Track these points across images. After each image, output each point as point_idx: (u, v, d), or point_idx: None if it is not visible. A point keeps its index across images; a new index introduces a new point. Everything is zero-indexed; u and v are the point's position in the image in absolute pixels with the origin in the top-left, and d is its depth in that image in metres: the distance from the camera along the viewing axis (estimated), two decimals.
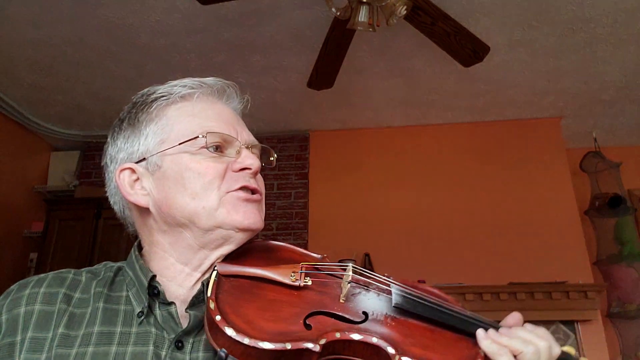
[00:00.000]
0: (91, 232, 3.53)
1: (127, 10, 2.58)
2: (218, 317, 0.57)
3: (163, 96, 0.73)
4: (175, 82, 0.74)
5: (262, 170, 0.75)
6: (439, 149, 3.75)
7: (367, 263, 3.37)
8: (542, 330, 0.65)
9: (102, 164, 0.77)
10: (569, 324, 3.14)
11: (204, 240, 0.69)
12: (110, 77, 3.18)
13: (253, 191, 0.71)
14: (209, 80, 0.75)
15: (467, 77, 3.19)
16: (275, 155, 0.81)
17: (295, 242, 3.73)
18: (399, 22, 2.13)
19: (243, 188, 0.70)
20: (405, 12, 2.06)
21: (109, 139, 0.76)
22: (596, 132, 3.79)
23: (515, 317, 0.69)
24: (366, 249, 3.44)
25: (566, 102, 3.47)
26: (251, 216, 0.69)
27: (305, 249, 0.78)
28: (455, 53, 2.39)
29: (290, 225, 3.67)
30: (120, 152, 0.73)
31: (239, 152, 0.71)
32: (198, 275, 0.70)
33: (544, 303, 3.08)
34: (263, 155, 0.78)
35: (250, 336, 0.55)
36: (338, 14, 2.14)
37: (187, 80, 0.74)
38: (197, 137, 0.69)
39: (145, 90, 0.75)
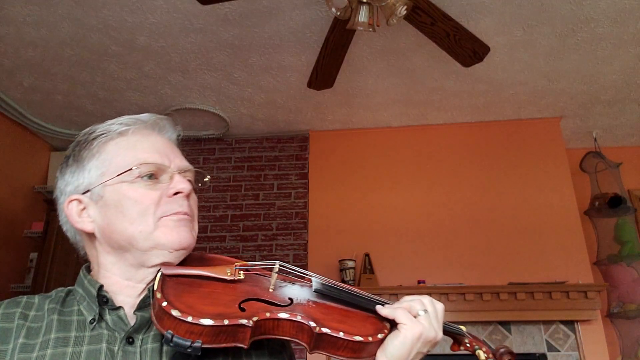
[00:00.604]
0: None
1: (126, 11, 2.58)
2: (165, 303, 0.65)
3: (102, 134, 0.82)
4: (112, 121, 0.84)
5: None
6: (439, 149, 3.75)
7: (367, 263, 3.37)
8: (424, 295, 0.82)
9: (53, 197, 0.86)
10: (569, 324, 3.14)
11: (142, 259, 0.77)
12: (110, 77, 3.18)
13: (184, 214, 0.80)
14: (143, 116, 0.85)
15: (467, 77, 3.19)
16: (209, 177, 0.90)
17: (295, 242, 3.73)
18: (399, 22, 2.13)
19: (176, 213, 0.78)
20: (405, 12, 2.06)
21: (57, 174, 0.85)
22: (596, 132, 3.79)
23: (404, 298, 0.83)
24: (366, 249, 3.44)
25: (566, 102, 3.47)
26: (183, 235, 0.78)
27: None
28: (455, 53, 2.40)
29: (290, 225, 3.67)
30: (68, 185, 0.82)
31: (172, 178, 0.80)
32: (142, 286, 0.78)
33: (544, 303, 3.08)
34: (198, 177, 0.87)
35: (193, 315, 0.64)
36: (338, 14, 2.14)
37: (123, 118, 0.84)
38: (132, 168, 0.78)
39: (87, 129, 0.84)
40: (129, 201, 0.76)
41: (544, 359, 3.05)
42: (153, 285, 0.71)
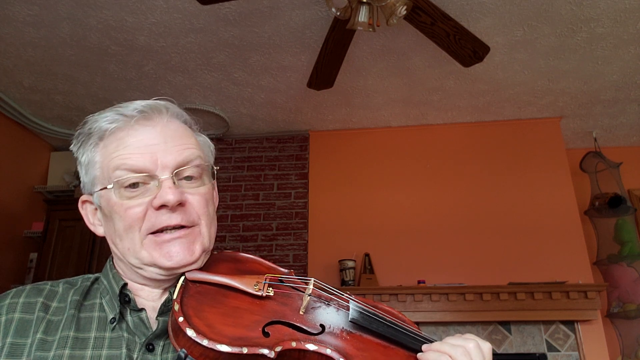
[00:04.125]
0: (91, 232, 3.53)
1: (126, 11, 2.58)
2: (181, 319, 0.60)
3: (92, 133, 0.75)
4: (101, 116, 0.75)
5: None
6: (439, 149, 3.75)
7: (367, 263, 3.37)
8: (469, 335, 0.71)
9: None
10: (569, 324, 3.14)
11: (143, 274, 0.73)
12: (110, 77, 3.18)
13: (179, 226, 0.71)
14: (129, 109, 0.74)
15: (467, 77, 3.19)
16: (217, 168, 0.80)
17: (296, 242, 3.72)
18: (399, 22, 2.13)
19: (164, 229, 0.70)
20: (405, 12, 2.06)
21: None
22: (596, 132, 3.79)
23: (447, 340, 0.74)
24: (366, 249, 3.44)
25: (566, 102, 3.47)
26: (174, 256, 0.69)
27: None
28: (455, 53, 2.40)
29: (290, 225, 3.67)
30: (83, 179, 0.79)
31: (159, 186, 0.70)
32: (160, 291, 0.75)
33: (544, 303, 3.08)
34: (204, 171, 0.76)
35: (209, 338, 0.58)
36: (338, 14, 2.14)
37: (110, 113, 0.74)
38: (106, 187, 0.71)
39: (83, 122, 0.77)
40: (116, 215, 0.70)
41: (544, 359, 3.05)
42: (174, 289, 0.67)
